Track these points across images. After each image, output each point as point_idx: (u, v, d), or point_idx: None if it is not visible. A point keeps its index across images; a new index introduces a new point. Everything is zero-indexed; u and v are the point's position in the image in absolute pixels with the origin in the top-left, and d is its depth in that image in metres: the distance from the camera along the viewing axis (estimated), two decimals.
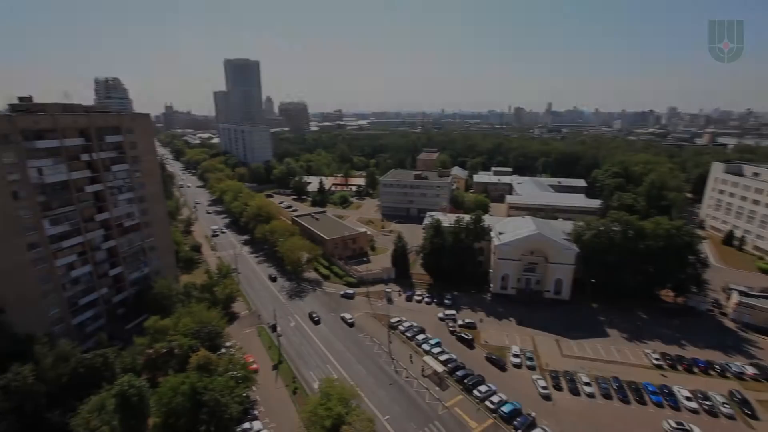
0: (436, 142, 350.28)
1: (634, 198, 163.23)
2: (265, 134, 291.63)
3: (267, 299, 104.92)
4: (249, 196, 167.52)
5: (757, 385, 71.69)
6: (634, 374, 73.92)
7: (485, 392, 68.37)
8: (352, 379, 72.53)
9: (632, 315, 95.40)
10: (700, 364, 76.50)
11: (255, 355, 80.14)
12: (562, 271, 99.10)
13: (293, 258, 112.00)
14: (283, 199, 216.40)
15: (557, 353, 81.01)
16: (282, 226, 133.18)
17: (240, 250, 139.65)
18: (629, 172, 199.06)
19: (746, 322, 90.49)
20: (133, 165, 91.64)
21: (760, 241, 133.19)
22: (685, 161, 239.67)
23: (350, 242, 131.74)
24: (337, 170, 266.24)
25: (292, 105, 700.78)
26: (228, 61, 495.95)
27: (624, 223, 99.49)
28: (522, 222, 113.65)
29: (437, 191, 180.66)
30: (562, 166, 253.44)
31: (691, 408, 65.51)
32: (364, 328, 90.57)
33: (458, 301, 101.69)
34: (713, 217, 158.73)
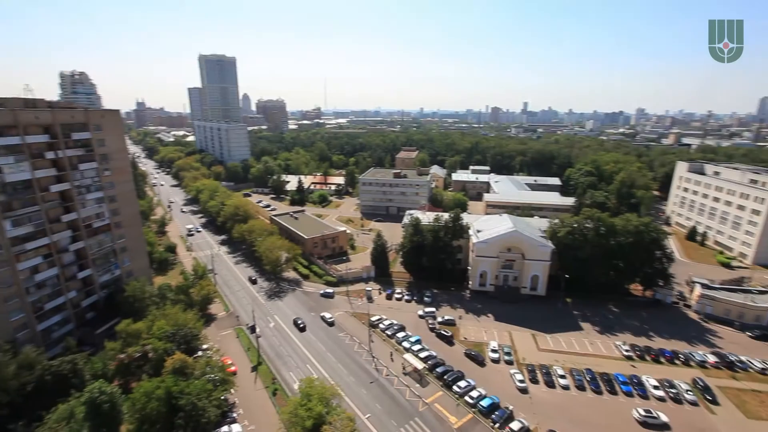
0: (415, 141, 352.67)
1: (605, 196, 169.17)
2: (242, 132, 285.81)
3: (245, 300, 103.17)
4: (226, 195, 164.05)
5: (718, 372, 75.79)
6: (605, 366, 76.76)
7: (465, 388, 69.54)
8: (333, 378, 72.33)
9: (604, 309, 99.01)
10: (666, 354, 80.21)
11: (233, 357, 78.74)
12: (538, 267, 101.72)
13: (272, 258, 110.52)
14: (261, 198, 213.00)
15: (534, 347, 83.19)
16: (260, 226, 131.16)
17: (217, 251, 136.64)
18: (601, 170, 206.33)
19: (708, 313, 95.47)
20: (102, 163, 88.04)
21: (720, 236, 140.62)
22: (652, 160, 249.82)
23: (330, 241, 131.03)
24: (316, 169, 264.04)
25: (270, 103, 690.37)
26: (203, 57, 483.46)
27: (596, 220, 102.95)
28: (499, 220, 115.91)
29: (416, 190, 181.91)
30: (537, 165, 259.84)
31: (659, 396, 68.69)
32: (345, 327, 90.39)
33: (438, 299, 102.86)
34: (678, 214, 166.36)
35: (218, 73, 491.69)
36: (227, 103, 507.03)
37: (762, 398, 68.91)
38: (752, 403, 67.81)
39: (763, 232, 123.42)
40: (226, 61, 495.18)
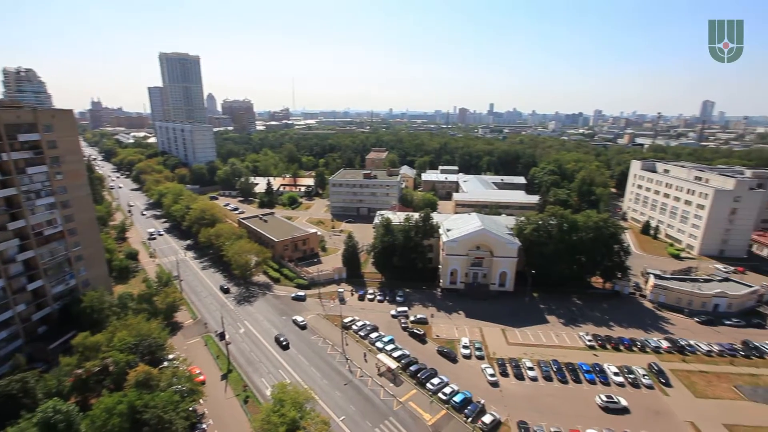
0: (385, 142, 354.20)
1: (567, 193, 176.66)
2: (207, 133, 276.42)
3: (214, 306, 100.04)
4: (191, 199, 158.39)
5: (670, 356, 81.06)
6: (570, 356, 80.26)
7: (438, 385, 70.65)
8: (306, 382, 71.53)
9: (568, 301, 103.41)
10: (625, 342, 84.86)
11: (202, 365, 76.19)
12: (506, 264, 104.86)
13: (241, 262, 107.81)
14: (228, 201, 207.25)
15: (503, 342, 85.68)
16: (228, 229, 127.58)
17: (182, 256, 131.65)
18: (563, 169, 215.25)
19: (661, 302, 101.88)
20: (53, 166, 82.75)
21: (671, 229, 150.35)
22: (609, 159, 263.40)
23: (300, 243, 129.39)
24: (285, 170, 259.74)
25: (237, 103, 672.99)
26: (164, 55, 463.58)
27: (559, 217, 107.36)
28: (468, 219, 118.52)
29: (387, 190, 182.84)
30: (504, 165, 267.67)
31: (619, 382, 72.62)
32: (317, 330, 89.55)
33: (410, 298, 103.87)
34: (633, 210, 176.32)
35: (181, 72, 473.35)
36: (191, 103, 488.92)
37: (708, 378, 74.33)
38: (700, 383, 73.01)
39: (707, 225, 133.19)
40: (189, 60, 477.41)
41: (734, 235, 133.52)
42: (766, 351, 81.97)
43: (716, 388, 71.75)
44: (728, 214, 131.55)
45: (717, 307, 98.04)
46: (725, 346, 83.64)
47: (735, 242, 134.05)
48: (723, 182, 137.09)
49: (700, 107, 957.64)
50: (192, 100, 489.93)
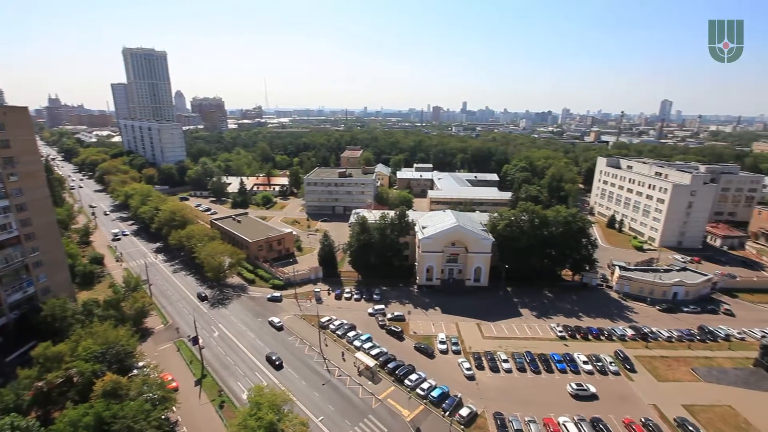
0: (360, 140, 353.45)
1: (538, 189, 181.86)
2: (176, 132, 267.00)
3: (186, 310, 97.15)
4: (160, 200, 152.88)
5: (634, 343, 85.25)
6: (543, 347, 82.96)
7: (416, 380, 71.44)
8: (284, 384, 70.71)
9: (540, 294, 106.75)
10: (593, 331, 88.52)
11: (174, 372, 73.94)
12: (481, 259, 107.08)
13: (214, 264, 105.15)
14: (200, 201, 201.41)
15: (479, 336, 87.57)
16: (200, 231, 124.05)
17: (152, 259, 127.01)
18: (534, 166, 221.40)
19: (626, 292, 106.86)
20: (6, 167, 77.97)
21: (634, 223, 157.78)
22: (577, 156, 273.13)
23: (275, 244, 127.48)
24: (258, 170, 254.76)
25: (207, 101, 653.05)
26: (128, 51, 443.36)
27: (531, 213, 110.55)
28: (443, 215, 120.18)
29: (362, 188, 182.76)
30: (477, 162, 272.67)
31: (588, 370, 75.71)
32: (294, 331, 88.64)
33: (387, 296, 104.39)
34: (600, 204, 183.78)
35: (147, 68, 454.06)
36: (158, 100, 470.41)
37: (669, 363, 78.70)
38: (661, 368, 77.20)
39: (667, 218, 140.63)
40: (155, 56, 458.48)
41: (691, 227, 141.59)
42: (720, 335, 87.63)
43: (676, 372, 76.10)
44: (685, 207, 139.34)
45: (676, 295, 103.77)
46: (683, 331, 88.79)
47: (691, 234, 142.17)
48: (680, 177, 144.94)
49: (659, 106, 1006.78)
50: (159, 97, 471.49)
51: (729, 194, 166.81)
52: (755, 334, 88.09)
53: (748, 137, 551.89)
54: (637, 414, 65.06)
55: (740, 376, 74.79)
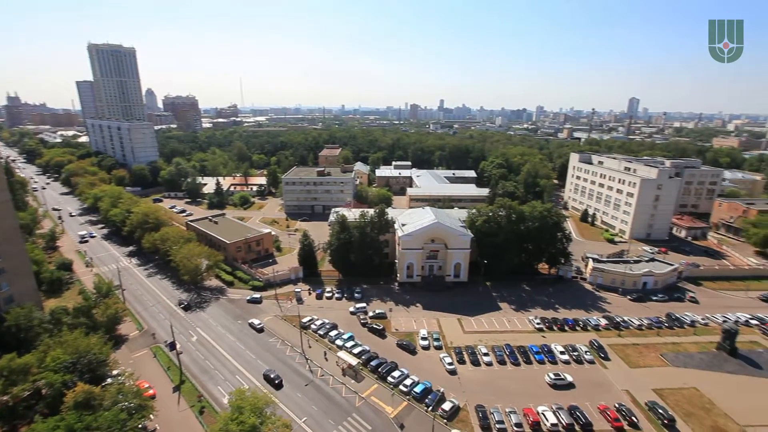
0: (338, 138, 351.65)
1: (514, 185, 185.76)
2: (147, 131, 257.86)
3: (162, 315, 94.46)
4: (132, 202, 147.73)
5: (608, 333, 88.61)
6: (521, 339, 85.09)
7: (398, 377, 71.99)
8: (265, 386, 69.85)
9: (518, 288, 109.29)
10: (569, 322, 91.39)
11: (151, 379, 71.89)
12: (460, 255, 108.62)
13: (190, 266, 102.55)
14: (174, 203, 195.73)
15: (460, 331, 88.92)
16: (175, 233, 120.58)
17: (125, 264, 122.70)
18: (510, 162, 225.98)
19: (599, 283, 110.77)
20: None
21: (606, 216, 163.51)
22: (551, 152, 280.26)
23: (254, 244, 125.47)
24: (235, 170, 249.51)
25: (180, 99, 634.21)
26: (94, 47, 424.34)
27: (508, 209, 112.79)
28: (422, 213, 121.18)
29: (341, 187, 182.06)
30: (455, 159, 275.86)
31: (565, 360, 78.17)
32: (275, 332, 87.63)
33: (368, 294, 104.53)
34: (573, 199, 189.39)
35: (114, 65, 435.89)
36: (127, 99, 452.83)
37: (640, 350, 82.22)
38: (633, 355, 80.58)
39: (636, 211, 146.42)
40: (123, 52, 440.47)
41: (658, 219, 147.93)
42: (686, 321, 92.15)
43: (646, 358, 79.57)
44: (652, 200, 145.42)
45: (645, 285, 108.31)
46: (653, 319, 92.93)
47: (659, 226, 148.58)
48: (648, 172, 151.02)
49: (627, 104, 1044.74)
50: (128, 95, 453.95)
51: (692, 187, 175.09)
52: (717, 320, 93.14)
53: (708, 133, 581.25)
54: (611, 400, 67.70)
55: (704, 360, 78.96)
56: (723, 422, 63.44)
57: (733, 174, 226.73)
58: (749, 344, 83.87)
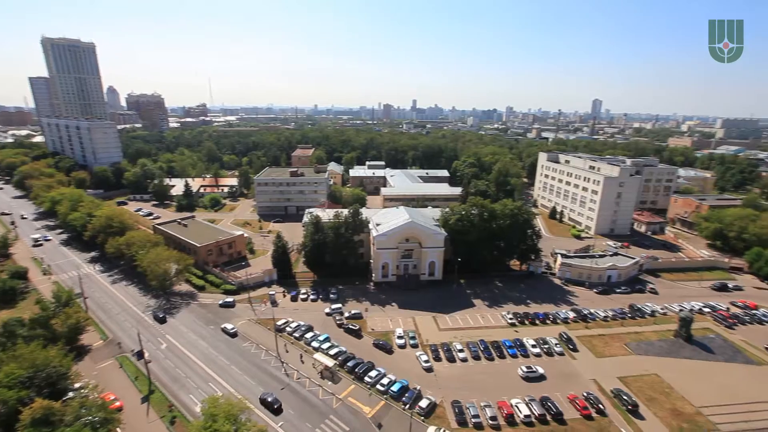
0: (311, 138, 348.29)
1: (486, 184, 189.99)
2: (110, 131, 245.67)
3: (128, 323, 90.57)
4: (94, 206, 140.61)
5: (576, 325, 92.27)
6: (495, 334, 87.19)
7: (375, 377, 72.20)
8: (240, 392, 68.33)
9: (491, 284, 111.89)
10: (540, 316, 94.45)
11: (117, 390, 68.80)
12: (434, 254, 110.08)
13: (158, 271, 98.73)
14: (140, 205, 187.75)
15: (435, 329, 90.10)
16: (141, 237, 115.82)
17: (86, 270, 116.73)
18: (482, 162, 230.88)
19: (567, 277, 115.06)
20: None
21: (572, 213, 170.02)
22: (521, 152, 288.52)
23: (226, 247, 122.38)
24: (205, 171, 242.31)
25: (145, 97, 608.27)
26: (48, 41, 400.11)
27: (480, 207, 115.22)
28: (396, 212, 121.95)
29: (315, 187, 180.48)
30: (428, 159, 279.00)
31: (536, 353, 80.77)
32: (249, 336, 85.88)
33: (343, 294, 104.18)
34: (542, 197, 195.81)
35: (72, 61, 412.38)
36: (87, 97, 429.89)
37: (605, 340, 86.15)
38: (599, 345, 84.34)
39: (600, 207, 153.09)
40: (81, 47, 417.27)
41: (621, 215, 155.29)
42: (647, 311, 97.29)
43: (611, 348, 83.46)
44: (615, 197, 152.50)
45: (610, 278, 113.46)
46: (617, 310, 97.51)
47: (621, 221, 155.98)
48: (611, 170, 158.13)
49: (591, 105, 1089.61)
50: (88, 93, 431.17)
51: (651, 185, 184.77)
52: (674, 309, 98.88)
53: (664, 133, 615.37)
54: (580, 389, 70.59)
55: (663, 347, 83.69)
56: (680, 405, 67.53)
57: (686, 172, 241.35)
58: (703, 331, 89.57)
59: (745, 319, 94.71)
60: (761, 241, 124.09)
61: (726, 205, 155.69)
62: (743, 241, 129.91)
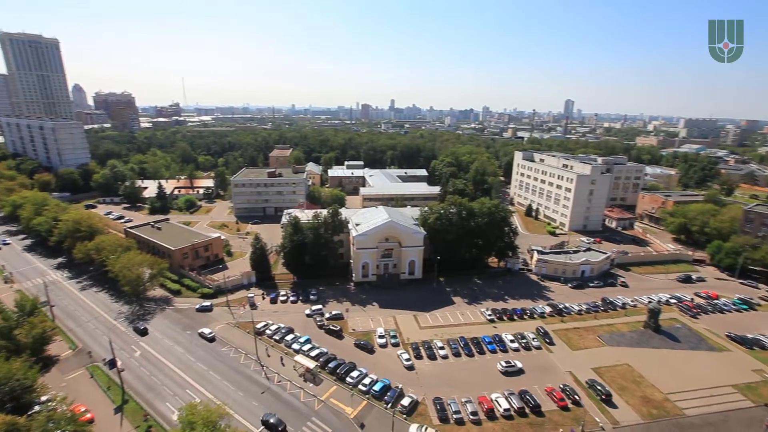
0: (289, 139, 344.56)
1: (464, 183, 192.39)
2: (76, 131, 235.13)
3: (99, 331, 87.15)
4: (60, 209, 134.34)
5: (552, 319, 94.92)
6: (474, 331, 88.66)
7: (357, 377, 72.13)
8: (219, 398, 66.78)
9: (470, 282, 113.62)
10: (517, 312, 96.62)
11: (88, 402, 66.11)
12: (414, 253, 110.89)
13: (131, 277, 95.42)
14: (110, 209, 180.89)
15: (416, 327, 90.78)
16: (112, 241, 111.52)
17: (53, 277, 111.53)
18: (459, 161, 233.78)
19: (543, 273, 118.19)
20: None
21: (548, 210, 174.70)
22: (497, 151, 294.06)
23: (202, 250, 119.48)
24: (179, 172, 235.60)
25: (114, 96, 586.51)
26: (7, 36, 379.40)
27: (458, 206, 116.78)
28: (376, 212, 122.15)
29: (293, 188, 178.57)
30: (407, 158, 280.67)
31: (514, 348, 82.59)
32: (228, 341, 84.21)
33: (324, 295, 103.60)
34: (518, 195, 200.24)
35: (34, 57, 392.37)
36: (50, 95, 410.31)
37: (580, 333, 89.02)
38: (574, 338, 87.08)
39: (574, 204, 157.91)
40: (43, 44, 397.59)
41: (593, 212, 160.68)
42: (618, 304, 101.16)
43: (586, 340, 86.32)
44: (588, 194, 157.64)
45: (584, 273, 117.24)
46: (590, 304, 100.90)
47: (593, 218, 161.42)
48: (583, 169, 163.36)
49: (563, 105, 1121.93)
50: (52, 91, 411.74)
51: (620, 182, 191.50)
52: (643, 301, 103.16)
53: (632, 133, 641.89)
54: (557, 381, 72.69)
55: (634, 338, 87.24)
56: (650, 392, 70.61)
57: (653, 169, 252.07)
58: (669, 321, 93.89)
59: (707, 309, 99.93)
60: (721, 234, 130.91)
61: (689, 201, 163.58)
62: (705, 234, 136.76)
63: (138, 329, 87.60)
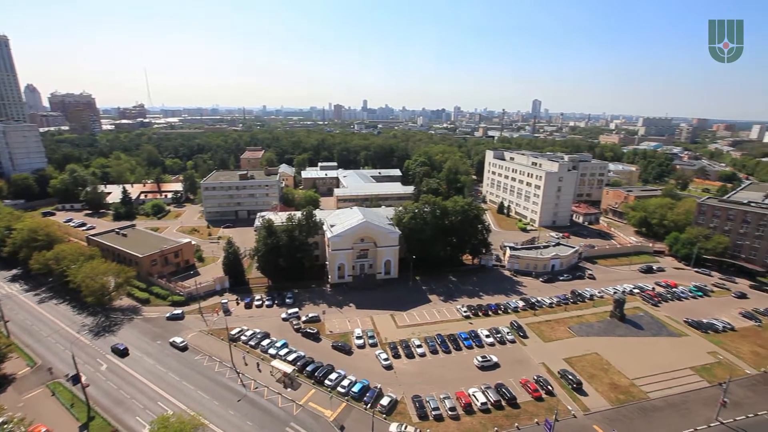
0: (260, 140, 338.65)
1: (437, 182, 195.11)
2: (30, 134, 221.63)
3: (61, 345, 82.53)
4: (13, 217, 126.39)
5: (525, 313, 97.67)
6: (451, 328, 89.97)
7: (336, 379, 71.75)
8: (193, 408, 64.80)
9: (445, 280, 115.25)
10: (492, 308, 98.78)
11: (49, 421, 62.52)
12: (390, 252, 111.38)
13: (95, 287, 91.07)
14: (71, 215, 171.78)
15: (393, 326, 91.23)
16: (73, 250, 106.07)
17: (7, 291, 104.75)
18: (432, 160, 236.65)
19: (516, 269, 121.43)
20: None
21: (519, 207, 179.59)
22: (469, 150, 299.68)
23: (172, 256, 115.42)
24: (145, 176, 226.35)
25: (71, 97, 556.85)
26: None
27: (432, 205, 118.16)
28: (350, 213, 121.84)
29: (266, 190, 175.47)
30: (380, 158, 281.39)
31: (490, 343, 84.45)
32: (201, 349, 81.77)
33: (299, 298, 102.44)
34: (490, 192, 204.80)
35: None
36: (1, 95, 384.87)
37: (552, 325, 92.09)
38: (546, 330, 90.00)
39: (543, 201, 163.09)
40: None
41: (561, 208, 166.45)
42: (586, 296, 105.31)
43: (557, 332, 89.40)
44: (556, 191, 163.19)
45: (554, 267, 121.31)
46: (561, 297, 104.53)
47: (562, 214, 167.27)
48: (551, 166, 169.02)
49: (531, 105, 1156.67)
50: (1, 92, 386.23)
51: (586, 178, 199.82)
52: (609, 292, 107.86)
53: (596, 131, 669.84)
54: (531, 373, 74.91)
55: (601, 327, 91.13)
56: (617, 379, 74.01)
57: (615, 166, 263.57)
58: (633, 310, 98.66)
59: (667, 297, 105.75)
60: (678, 226, 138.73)
61: (648, 196, 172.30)
62: (663, 227, 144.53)
63: (117, 350, 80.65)
